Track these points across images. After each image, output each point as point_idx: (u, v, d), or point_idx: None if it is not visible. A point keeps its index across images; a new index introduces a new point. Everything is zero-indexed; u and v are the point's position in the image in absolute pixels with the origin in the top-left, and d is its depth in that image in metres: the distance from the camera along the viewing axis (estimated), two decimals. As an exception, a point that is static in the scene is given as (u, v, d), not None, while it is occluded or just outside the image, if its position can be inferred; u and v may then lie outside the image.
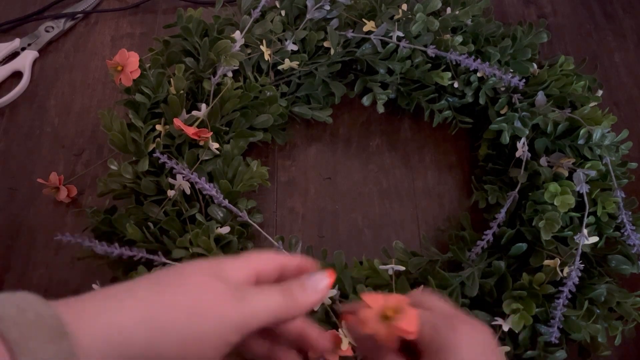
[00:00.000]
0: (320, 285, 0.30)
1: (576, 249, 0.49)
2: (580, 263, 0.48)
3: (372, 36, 0.59)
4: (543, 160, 0.55)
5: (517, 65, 0.61)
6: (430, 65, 0.60)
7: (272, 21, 0.59)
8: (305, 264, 0.33)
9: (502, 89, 0.60)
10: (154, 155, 0.49)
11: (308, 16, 0.59)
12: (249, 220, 0.50)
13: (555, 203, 0.50)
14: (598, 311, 0.49)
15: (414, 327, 0.30)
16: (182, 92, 0.54)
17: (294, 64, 0.59)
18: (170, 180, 0.51)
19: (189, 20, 0.58)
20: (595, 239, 0.51)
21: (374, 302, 0.30)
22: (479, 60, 0.56)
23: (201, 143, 0.53)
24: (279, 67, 0.60)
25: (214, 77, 0.55)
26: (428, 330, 0.31)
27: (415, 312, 0.30)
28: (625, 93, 0.70)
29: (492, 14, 0.66)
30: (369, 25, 0.59)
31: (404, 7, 0.61)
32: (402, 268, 0.50)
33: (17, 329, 0.22)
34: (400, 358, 0.32)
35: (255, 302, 0.28)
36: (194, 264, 0.29)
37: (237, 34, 0.56)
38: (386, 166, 0.63)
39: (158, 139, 0.53)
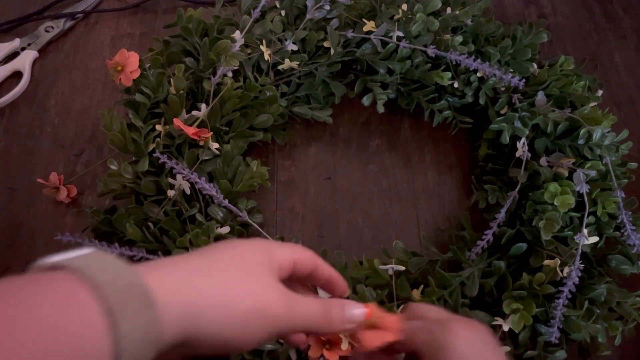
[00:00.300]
0: (356, 318, 0.32)
1: (576, 249, 0.49)
2: (580, 263, 0.48)
3: (372, 36, 0.59)
4: (543, 160, 0.55)
5: (517, 65, 0.61)
6: (430, 65, 0.60)
7: (272, 21, 0.59)
8: (337, 278, 0.35)
9: (502, 89, 0.60)
10: (154, 155, 0.49)
11: (308, 16, 0.59)
12: (249, 220, 0.50)
13: (555, 203, 0.50)
14: (598, 311, 0.49)
15: (379, 342, 0.32)
16: (182, 92, 0.54)
17: (294, 64, 0.59)
18: (170, 180, 0.51)
19: (189, 20, 0.58)
20: (595, 239, 0.51)
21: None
22: (479, 60, 0.56)
23: (201, 143, 0.53)
24: (279, 67, 0.60)
25: (214, 77, 0.55)
26: (424, 336, 0.32)
27: (388, 336, 0.32)
28: (625, 93, 0.70)
29: (492, 14, 0.66)
30: (369, 25, 0.59)
31: (404, 7, 0.61)
32: (402, 268, 0.50)
33: (115, 297, 0.22)
34: None
35: (300, 313, 0.30)
36: (251, 246, 0.31)
37: (237, 34, 0.56)
38: (386, 166, 0.63)
39: (158, 139, 0.53)
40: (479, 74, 0.59)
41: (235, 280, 0.28)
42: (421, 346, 0.32)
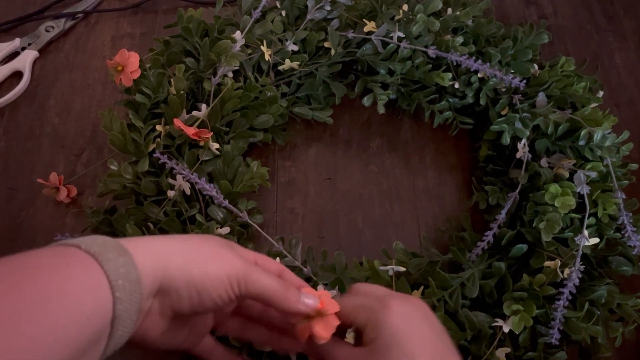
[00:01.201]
0: (310, 303, 0.35)
1: (577, 250, 0.49)
2: (581, 264, 0.48)
3: (372, 37, 0.59)
4: (544, 161, 0.55)
5: (517, 66, 0.61)
6: (430, 65, 0.60)
7: (272, 21, 0.59)
8: (305, 286, 0.38)
9: (503, 89, 0.60)
10: (154, 155, 0.49)
11: (308, 16, 0.59)
12: (249, 221, 0.50)
13: (555, 204, 0.50)
14: (598, 312, 0.49)
15: (326, 334, 0.34)
16: (182, 92, 0.54)
17: (295, 65, 0.59)
18: (170, 180, 0.51)
19: (190, 20, 0.58)
20: (595, 240, 0.51)
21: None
22: (479, 61, 0.56)
23: (201, 143, 0.53)
24: (280, 68, 0.60)
25: (214, 77, 0.55)
26: (363, 313, 0.34)
27: (334, 321, 0.35)
28: (626, 94, 0.69)
29: (492, 15, 0.66)
30: (370, 26, 0.59)
31: (405, 7, 0.61)
32: (403, 269, 0.50)
33: (96, 246, 0.29)
34: (344, 346, 0.35)
35: (261, 275, 0.34)
36: (217, 237, 0.37)
37: (237, 34, 0.56)
38: (386, 167, 0.63)
39: (158, 139, 0.53)
40: (479, 75, 0.59)
41: (201, 245, 0.34)
42: (361, 322, 0.34)
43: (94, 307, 0.27)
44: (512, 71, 0.59)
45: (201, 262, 0.32)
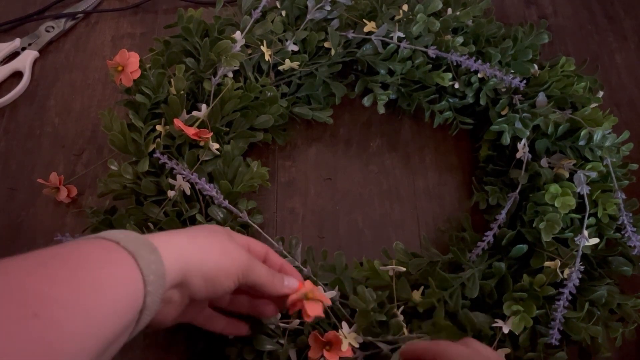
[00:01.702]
0: (291, 285, 0.42)
1: (577, 251, 0.49)
2: (581, 264, 0.48)
3: (372, 37, 0.59)
4: (544, 162, 0.55)
5: (517, 66, 0.61)
6: (431, 66, 0.60)
7: (272, 21, 0.59)
8: (289, 267, 0.45)
9: (503, 89, 0.60)
10: (154, 155, 0.49)
11: (309, 17, 0.59)
12: (249, 221, 0.50)
13: (555, 204, 0.50)
14: (598, 313, 0.49)
15: (316, 313, 0.41)
16: (182, 92, 0.54)
17: (295, 65, 0.59)
18: (171, 180, 0.51)
19: (190, 20, 0.58)
20: (595, 240, 0.51)
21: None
22: (479, 61, 0.56)
23: (201, 143, 0.53)
24: (280, 68, 0.60)
25: (214, 77, 0.55)
26: (459, 351, 0.35)
27: (321, 305, 0.42)
28: (626, 94, 0.69)
29: (492, 15, 0.66)
30: (370, 26, 0.59)
31: (405, 7, 0.61)
32: (403, 269, 0.50)
33: (131, 244, 0.32)
34: None
35: (258, 265, 0.40)
36: (216, 226, 0.42)
37: (237, 35, 0.56)
38: (386, 167, 0.63)
39: (158, 140, 0.53)
40: (479, 75, 0.59)
41: (212, 241, 0.38)
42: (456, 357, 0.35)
43: (131, 299, 0.31)
44: (512, 71, 0.59)
45: (214, 258, 0.37)
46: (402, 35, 0.59)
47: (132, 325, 0.32)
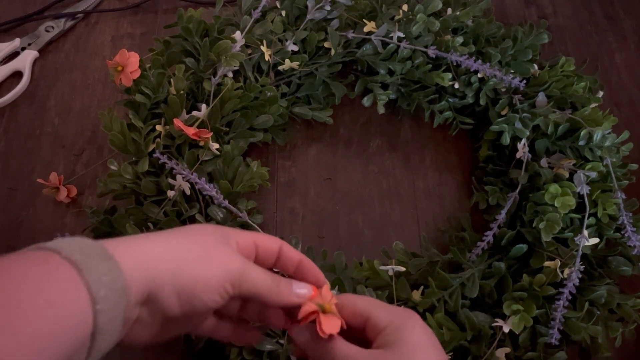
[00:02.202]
0: (303, 293, 0.35)
1: (576, 251, 0.49)
2: (581, 264, 0.48)
3: (372, 37, 0.59)
4: (544, 162, 0.55)
5: (517, 66, 0.61)
6: (430, 66, 0.60)
7: (272, 21, 0.59)
8: (309, 264, 0.37)
9: (503, 89, 0.60)
10: (154, 155, 0.49)
11: (308, 16, 0.59)
12: (249, 221, 0.50)
13: (555, 204, 0.50)
14: (598, 312, 0.49)
15: (332, 330, 0.33)
16: (182, 92, 0.54)
17: (295, 65, 0.59)
18: (170, 180, 0.51)
19: (190, 20, 0.58)
20: (595, 240, 0.51)
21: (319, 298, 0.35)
22: (479, 61, 0.56)
23: (201, 143, 0.53)
24: (280, 68, 0.60)
25: (214, 77, 0.55)
26: (386, 313, 0.33)
27: (337, 321, 0.34)
28: (626, 94, 0.69)
29: (492, 15, 0.66)
30: (370, 26, 0.59)
31: (405, 7, 0.61)
32: (403, 269, 0.50)
33: (78, 253, 0.27)
34: (351, 344, 0.33)
35: (253, 272, 0.33)
36: (208, 225, 0.35)
37: (237, 34, 0.56)
38: (386, 167, 0.63)
39: (158, 140, 0.53)
40: (479, 75, 0.59)
41: (190, 246, 0.32)
42: (382, 321, 0.33)
43: (74, 321, 0.25)
44: (512, 71, 0.59)
45: (192, 266, 0.30)
46: (402, 35, 0.59)
47: (82, 351, 0.26)
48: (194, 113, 0.53)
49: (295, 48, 0.60)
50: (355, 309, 0.34)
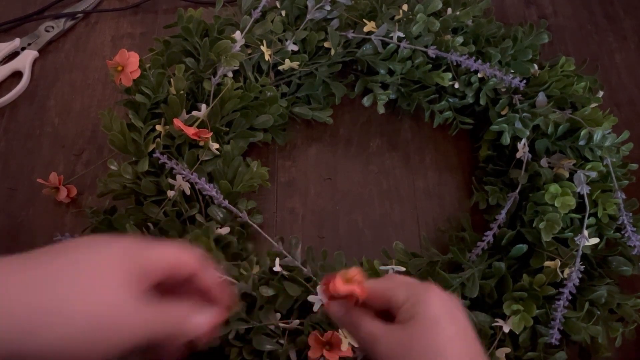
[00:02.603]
0: (204, 323, 0.31)
1: (577, 250, 0.49)
2: (581, 264, 0.48)
3: (372, 37, 0.59)
4: (544, 162, 0.55)
5: (517, 66, 0.61)
6: (430, 65, 0.60)
7: (272, 21, 0.59)
8: (217, 292, 0.34)
9: (503, 89, 0.60)
10: (154, 155, 0.49)
11: (308, 16, 0.59)
12: (249, 221, 0.50)
13: (555, 204, 0.50)
14: (598, 312, 0.49)
15: (364, 292, 0.34)
16: (182, 92, 0.54)
17: (295, 65, 0.59)
18: (170, 180, 0.51)
19: (189, 20, 0.58)
20: (595, 240, 0.50)
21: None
22: (479, 61, 0.56)
23: (201, 143, 0.53)
24: (280, 68, 0.60)
25: (214, 77, 0.55)
26: (404, 290, 0.34)
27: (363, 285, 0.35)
28: (626, 94, 0.69)
29: (492, 15, 0.66)
30: (370, 26, 0.59)
31: (405, 7, 0.61)
32: (403, 269, 0.50)
33: None
34: (376, 321, 0.34)
35: (151, 322, 0.28)
36: (111, 246, 0.28)
37: (237, 34, 0.56)
38: (386, 167, 0.63)
39: (158, 140, 0.53)
40: (479, 75, 0.59)
41: (69, 279, 0.26)
42: (400, 299, 0.34)
43: None
44: (512, 71, 0.59)
45: (61, 317, 0.24)
46: (402, 35, 0.59)
47: None
48: (194, 113, 0.53)
49: (295, 48, 0.60)
50: (376, 292, 0.35)
